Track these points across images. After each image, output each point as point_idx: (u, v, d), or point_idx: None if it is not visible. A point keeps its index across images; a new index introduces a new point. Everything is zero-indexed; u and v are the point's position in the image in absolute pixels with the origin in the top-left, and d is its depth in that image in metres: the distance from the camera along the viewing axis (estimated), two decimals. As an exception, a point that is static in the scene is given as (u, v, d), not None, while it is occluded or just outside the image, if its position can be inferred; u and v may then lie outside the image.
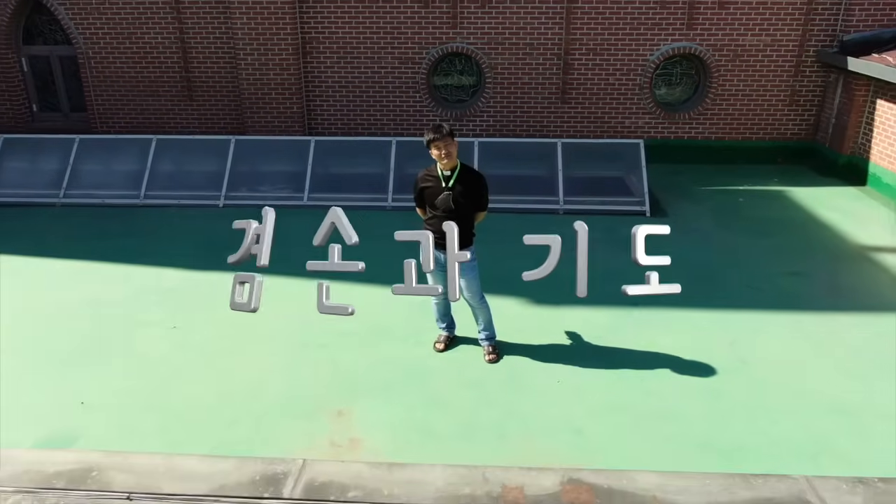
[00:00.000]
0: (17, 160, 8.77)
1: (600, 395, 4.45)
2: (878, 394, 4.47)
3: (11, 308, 5.79)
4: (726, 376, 4.73)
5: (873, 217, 8.03)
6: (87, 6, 9.85)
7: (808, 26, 9.36)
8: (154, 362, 4.91)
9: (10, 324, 5.52)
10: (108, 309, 5.78)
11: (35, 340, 5.24)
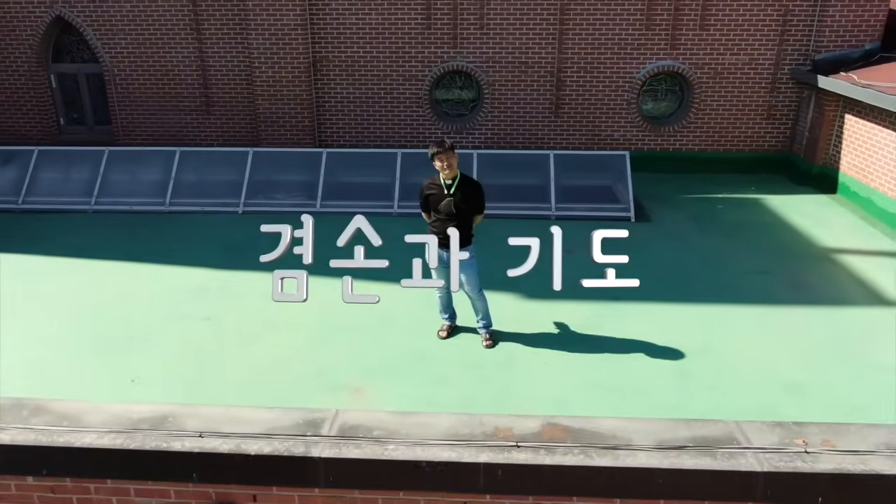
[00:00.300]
0: (50, 170, 9.49)
1: (582, 374, 5.15)
2: (829, 376, 5.16)
3: (57, 302, 6.49)
4: (694, 360, 5.42)
5: (839, 222, 8.75)
6: (113, 27, 10.60)
7: (783, 46, 10.11)
8: (192, 347, 5.60)
9: (61, 315, 6.22)
10: (145, 303, 6.49)
11: (84, 330, 5.93)
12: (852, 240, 8.18)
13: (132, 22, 10.58)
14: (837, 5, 9.74)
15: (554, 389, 4.96)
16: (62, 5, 10.55)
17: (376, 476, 3.22)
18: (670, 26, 10.11)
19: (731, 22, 10.07)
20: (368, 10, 10.25)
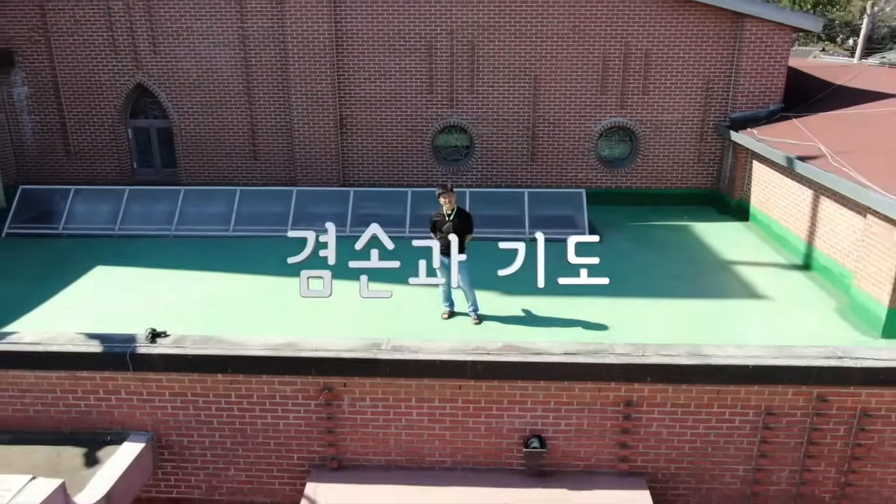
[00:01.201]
0: (139, 204, 12.33)
1: (538, 332, 7.89)
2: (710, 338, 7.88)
3: (167, 300, 9.24)
4: (617, 330, 8.17)
5: (746, 242, 11.62)
6: (181, 92, 13.56)
7: (707, 107, 13.12)
8: (272, 326, 8.33)
9: (173, 308, 8.97)
10: (235, 297, 9.25)
11: (195, 317, 8.67)
12: (750, 255, 11.04)
13: (197, 87, 13.53)
14: (747, 75, 12.76)
15: (515, 337, 7.65)
16: (142, 75, 13.51)
17: (411, 369, 5.94)
18: (619, 92, 13.12)
19: (666, 88, 13.08)
20: (384, 80, 13.24)
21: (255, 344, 6.17)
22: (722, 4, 12.39)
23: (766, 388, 5.85)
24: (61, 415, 6.27)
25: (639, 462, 6.12)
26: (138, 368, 6.06)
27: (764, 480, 6.16)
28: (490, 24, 12.80)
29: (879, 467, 6.06)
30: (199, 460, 6.42)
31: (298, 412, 6.17)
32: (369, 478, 6.20)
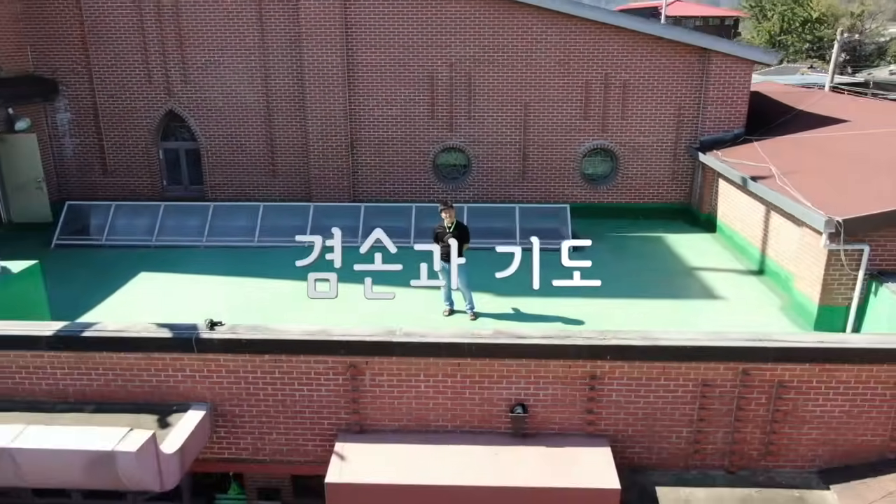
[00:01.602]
0: (173, 218, 13.90)
1: (525, 322, 9.45)
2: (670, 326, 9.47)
3: (205, 299, 10.79)
4: (596, 319, 9.73)
5: (711, 251, 13.20)
6: (209, 117, 15.16)
7: (679, 131, 14.74)
8: (297, 318, 9.87)
9: (213, 307, 10.50)
10: (259, 299, 10.79)
11: (235, 313, 10.20)
12: (714, 262, 12.62)
13: (222, 113, 15.15)
14: (713, 103, 14.39)
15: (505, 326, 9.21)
16: (173, 102, 15.13)
17: (420, 350, 7.47)
18: (601, 117, 14.75)
19: (642, 114, 14.71)
20: (390, 106, 14.87)
21: (295, 331, 7.71)
22: (690, 41, 14.07)
23: (701, 365, 7.38)
24: (136, 389, 7.78)
25: (602, 425, 7.64)
26: (201, 351, 7.58)
27: (703, 440, 7.69)
28: (485, 57, 14.45)
29: (795, 429, 7.58)
30: (247, 426, 7.93)
31: (329, 386, 7.69)
32: (386, 439, 7.71)
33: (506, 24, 14.27)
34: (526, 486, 7.11)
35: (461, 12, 14.22)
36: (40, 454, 6.37)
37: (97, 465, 6.36)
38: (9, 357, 7.82)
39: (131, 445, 6.41)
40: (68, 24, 14.79)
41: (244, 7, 14.44)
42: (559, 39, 14.31)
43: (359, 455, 7.57)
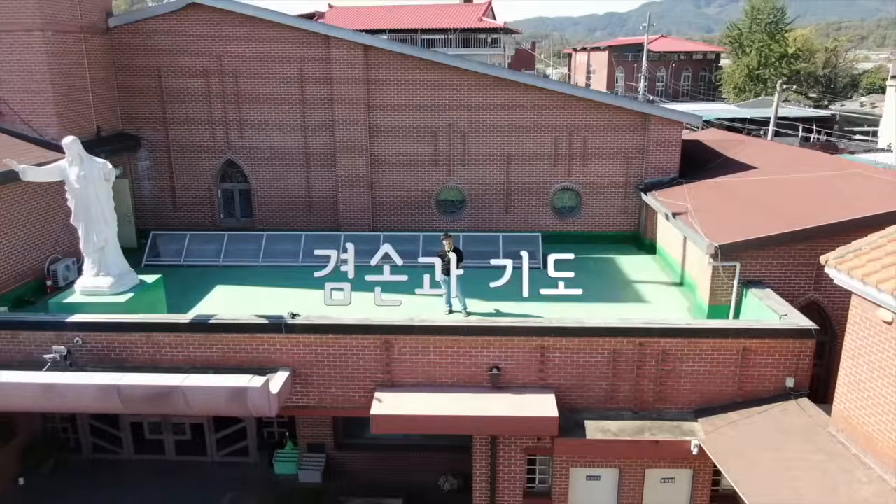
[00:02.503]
0: (234, 245, 18.10)
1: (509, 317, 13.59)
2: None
3: (268, 303, 14.90)
4: (559, 315, 13.88)
5: (649, 269, 17.39)
6: (259, 164, 19.43)
7: (628, 175, 19.02)
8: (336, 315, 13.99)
9: (276, 308, 14.62)
10: (306, 304, 14.93)
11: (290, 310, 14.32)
12: (650, 277, 16.80)
13: (270, 161, 19.42)
14: (653, 154, 18.68)
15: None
16: (231, 153, 19.42)
17: (430, 331, 11.57)
18: (567, 164, 19.03)
19: (599, 162, 18.99)
20: (402, 156, 19.16)
21: (347, 318, 11.86)
22: (634, 108, 18.44)
23: (612, 339, 11.53)
24: (243, 357, 11.88)
25: (549, 381, 11.75)
26: (287, 332, 11.72)
27: (615, 391, 11.80)
28: (476, 118, 18.80)
29: (674, 383, 11.69)
30: (315, 383, 12.02)
31: (370, 355, 11.81)
32: (407, 390, 11.81)
33: (492, 93, 18.62)
34: (499, 416, 11.24)
35: (457, 84, 18.58)
36: (200, 390, 10.51)
37: (235, 396, 10.49)
38: (157, 337, 11.96)
39: (256, 383, 10.56)
40: (150, 92, 19.11)
41: (289, 79, 18.79)
42: (534, 105, 18.65)
43: (390, 399, 11.70)
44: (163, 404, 10.80)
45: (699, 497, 12.53)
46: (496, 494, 12.77)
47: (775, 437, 10.83)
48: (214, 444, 15.86)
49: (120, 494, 14.85)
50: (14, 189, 14.64)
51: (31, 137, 16.50)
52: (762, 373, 11.69)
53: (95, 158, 12.60)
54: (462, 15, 48.32)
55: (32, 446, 15.55)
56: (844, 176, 15.89)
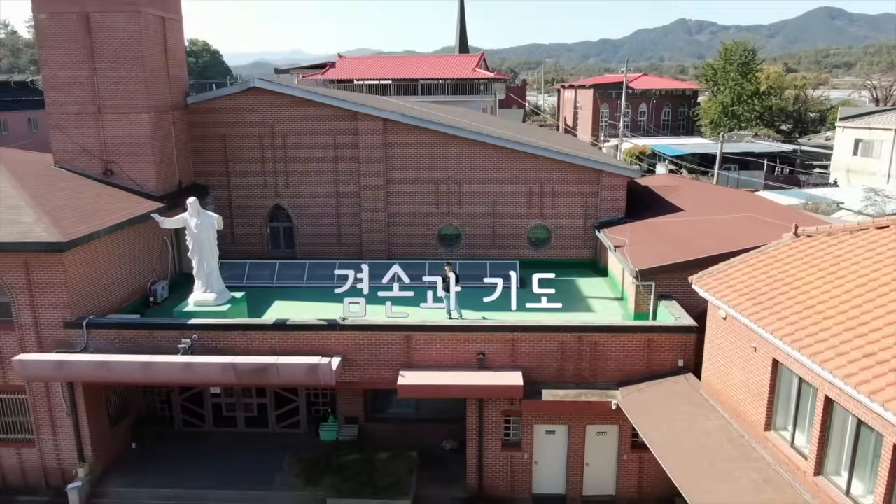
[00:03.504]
0: (283, 270, 23.82)
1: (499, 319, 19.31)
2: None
3: (315, 313, 20.60)
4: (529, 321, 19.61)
5: (601, 288, 23.16)
6: (300, 208, 25.22)
7: (586, 215, 24.87)
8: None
9: (323, 315, 20.33)
10: (341, 312, 20.65)
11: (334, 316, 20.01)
12: (600, 294, 22.56)
13: (309, 205, 25.23)
14: (604, 199, 24.55)
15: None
16: (279, 199, 25.22)
17: (435, 329, 17.23)
18: (539, 207, 24.89)
19: (564, 206, 24.85)
20: (412, 201, 25.00)
21: (381, 320, 17.54)
22: (589, 165, 24.37)
23: (560, 334, 17.23)
24: (308, 348, 17.51)
25: (517, 362, 17.41)
26: (340, 330, 17.40)
27: (564, 369, 17.47)
28: (469, 172, 24.70)
29: (603, 364, 17.35)
30: (358, 365, 17.65)
31: (396, 346, 17.48)
32: (421, 369, 17.46)
33: (480, 153, 24.53)
34: (484, 384, 16.93)
35: (455, 148, 24.49)
36: (288, 366, 16.18)
37: (311, 370, 16.15)
38: (251, 334, 17.62)
39: (325, 362, 16.26)
40: (217, 152, 24.97)
41: (325, 143, 24.67)
42: (513, 162, 24.54)
43: (410, 375, 17.36)
44: (263, 376, 16.45)
45: (624, 445, 18.16)
46: (483, 446, 18.37)
47: (666, 398, 16.53)
48: (275, 419, 21.46)
49: (203, 457, 20.36)
50: (129, 231, 20.36)
51: (136, 190, 22.28)
52: (662, 356, 17.41)
53: (210, 213, 18.45)
54: (458, 66, 54.64)
55: (139, 422, 21.12)
56: (737, 219, 21.72)
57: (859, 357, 11.04)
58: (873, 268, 13.30)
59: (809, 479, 12.25)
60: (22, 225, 17.56)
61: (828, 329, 12.11)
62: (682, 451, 14.49)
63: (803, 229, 15.83)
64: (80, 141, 22.11)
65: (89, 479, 18.63)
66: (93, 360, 16.68)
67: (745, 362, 14.38)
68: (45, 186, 20.18)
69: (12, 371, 17.82)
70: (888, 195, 38.05)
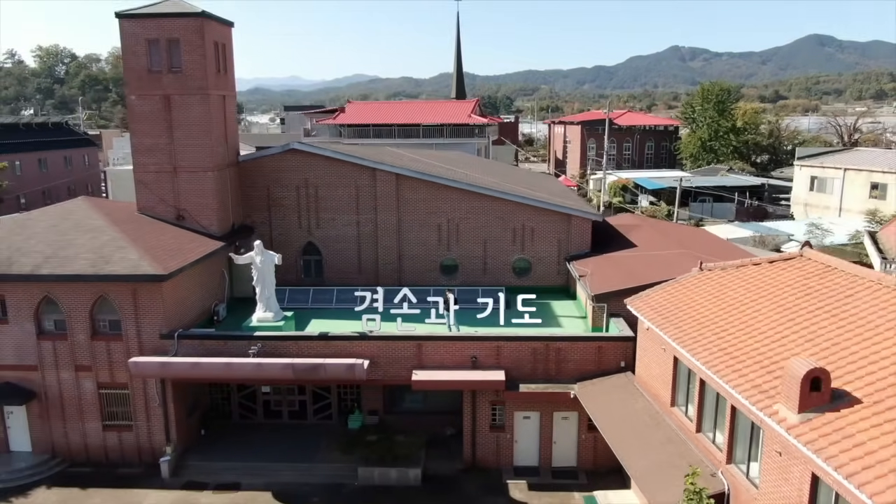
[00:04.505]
0: (316, 295, 29.87)
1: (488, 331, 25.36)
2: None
3: (342, 328, 26.65)
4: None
5: (569, 309, 29.27)
6: (328, 244, 31.37)
7: (560, 250, 31.04)
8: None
9: (349, 329, 26.40)
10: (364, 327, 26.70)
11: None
12: (569, 313, 28.66)
13: (335, 242, 31.37)
14: (571, 237, 30.74)
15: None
16: (311, 237, 31.36)
17: (439, 338, 23.24)
18: (521, 243, 31.07)
19: (542, 242, 31.04)
20: (418, 239, 31.17)
21: (397, 331, 23.57)
22: (561, 210, 30.63)
23: (532, 342, 23.24)
24: (344, 353, 23.47)
25: (501, 364, 23.39)
26: (368, 340, 23.40)
27: (535, 369, 23.45)
28: (464, 216, 30.97)
29: (565, 365, 23.33)
30: (381, 366, 23.59)
31: (409, 351, 23.47)
32: (430, 369, 23.43)
33: (474, 201, 30.77)
34: (476, 380, 22.95)
35: (453, 196, 30.74)
36: (333, 365, 22.17)
37: (349, 368, 22.16)
38: (302, 343, 23.65)
39: (359, 362, 22.27)
40: (261, 199, 31.15)
41: (349, 192, 30.89)
42: (500, 208, 30.74)
43: (421, 373, 23.36)
44: (314, 373, 22.40)
45: (582, 427, 24.11)
46: (476, 428, 24.29)
47: (610, 390, 22.53)
48: (312, 412, 27.39)
49: (257, 440, 26.24)
50: (202, 264, 26.42)
51: (202, 231, 28.38)
52: (609, 359, 23.44)
53: (271, 252, 24.58)
54: (455, 112, 61.28)
55: (206, 414, 27.01)
56: (675, 254, 27.85)
57: (719, 352, 17.11)
58: (743, 293, 19.44)
59: (693, 435, 18.26)
60: (130, 261, 23.64)
61: (705, 336, 18.20)
62: (618, 425, 20.49)
63: (706, 265, 21.99)
64: (159, 193, 28.28)
65: (174, 455, 24.48)
66: (187, 361, 22.69)
67: (658, 360, 20.44)
68: (137, 230, 26.31)
69: (119, 371, 23.82)
70: (826, 229, 44.29)
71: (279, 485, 23.62)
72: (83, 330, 24.05)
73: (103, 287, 23.59)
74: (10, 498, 23.06)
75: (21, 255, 24.12)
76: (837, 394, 13.67)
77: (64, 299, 23.83)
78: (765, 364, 15.75)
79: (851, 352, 14.94)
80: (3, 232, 25.68)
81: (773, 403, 14.29)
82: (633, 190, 74.40)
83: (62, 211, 27.65)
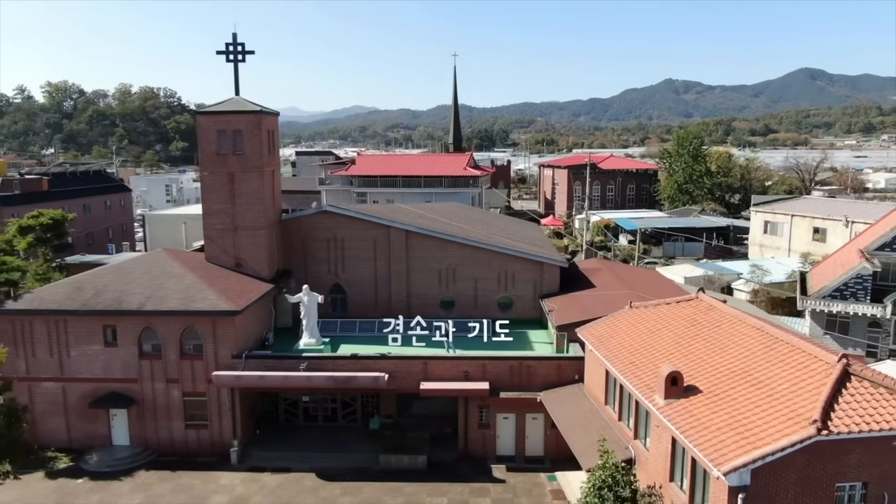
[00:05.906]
0: (342, 325, 38.26)
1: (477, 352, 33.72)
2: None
3: (367, 348, 35.01)
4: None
5: (542, 337, 37.67)
6: (352, 284, 39.83)
7: (535, 290, 39.55)
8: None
9: (373, 349, 34.77)
10: (385, 350, 35.09)
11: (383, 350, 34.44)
12: (542, 340, 37.05)
13: (358, 282, 39.87)
14: (545, 280, 39.27)
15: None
16: (337, 279, 39.84)
17: (440, 358, 31.51)
18: (505, 284, 39.61)
19: (521, 284, 39.57)
20: (423, 280, 39.71)
21: (411, 351, 31.92)
22: (536, 259, 39.27)
23: (508, 361, 31.58)
24: (368, 369, 31.73)
25: (486, 377, 31.64)
26: (387, 359, 31.74)
27: (511, 380, 31.75)
28: (460, 263, 39.65)
29: (534, 379, 31.62)
30: (397, 378, 31.83)
31: (418, 367, 31.79)
32: (433, 380, 31.72)
33: (467, 251, 39.35)
34: (467, 388, 31.32)
35: (451, 247, 39.31)
36: (362, 377, 30.49)
37: (374, 380, 30.50)
38: (338, 362, 32.02)
39: (381, 375, 30.62)
40: (298, 249, 39.70)
41: (368, 243, 39.45)
42: (488, 257, 39.30)
43: (427, 384, 31.68)
44: (347, 384, 30.66)
45: (546, 425, 32.32)
46: (467, 426, 32.52)
47: (566, 396, 30.83)
48: (341, 416, 35.63)
49: (300, 438, 34.41)
50: (258, 302, 34.83)
51: (255, 275, 36.86)
52: (567, 373, 31.79)
53: (315, 294, 33.10)
54: (452, 165, 70.31)
55: (260, 418, 35.23)
56: (623, 294, 36.28)
57: (630, 365, 25.51)
58: (653, 324, 27.92)
59: (616, 423, 26.59)
60: (210, 300, 32.08)
61: (623, 354, 26.60)
62: (569, 420, 28.79)
63: (634, 304, 30.48)
64: (223, 246, 36.83)
65: (240, 447, 32.65)
66: (255, 374, 31.03)
67: (597, 372, 28.82)
68: (209, 276, 34.79)
69: (199, 383, 32.11)
70: (766, 269, 52.84)
71: (320, 468, 31.73)
72: (174, 352, 32.39)
73: (191, 320, 31.98)
74: (121, 477, 31.16)
75: (127, 296, 32.56)
76: (689, 388, 22.06)
77: (161, 329, 32.21)
78: (654, 370, 24.15)
79: (706, 362, 23.37)
80: (109, 278, 34.17)
81: (653, 395, 22.68)
82: (616, 228, 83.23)
83: (149, 261, 36.20)
